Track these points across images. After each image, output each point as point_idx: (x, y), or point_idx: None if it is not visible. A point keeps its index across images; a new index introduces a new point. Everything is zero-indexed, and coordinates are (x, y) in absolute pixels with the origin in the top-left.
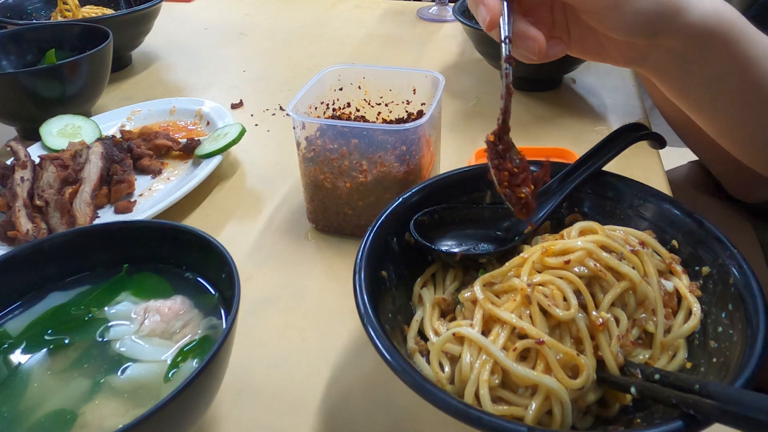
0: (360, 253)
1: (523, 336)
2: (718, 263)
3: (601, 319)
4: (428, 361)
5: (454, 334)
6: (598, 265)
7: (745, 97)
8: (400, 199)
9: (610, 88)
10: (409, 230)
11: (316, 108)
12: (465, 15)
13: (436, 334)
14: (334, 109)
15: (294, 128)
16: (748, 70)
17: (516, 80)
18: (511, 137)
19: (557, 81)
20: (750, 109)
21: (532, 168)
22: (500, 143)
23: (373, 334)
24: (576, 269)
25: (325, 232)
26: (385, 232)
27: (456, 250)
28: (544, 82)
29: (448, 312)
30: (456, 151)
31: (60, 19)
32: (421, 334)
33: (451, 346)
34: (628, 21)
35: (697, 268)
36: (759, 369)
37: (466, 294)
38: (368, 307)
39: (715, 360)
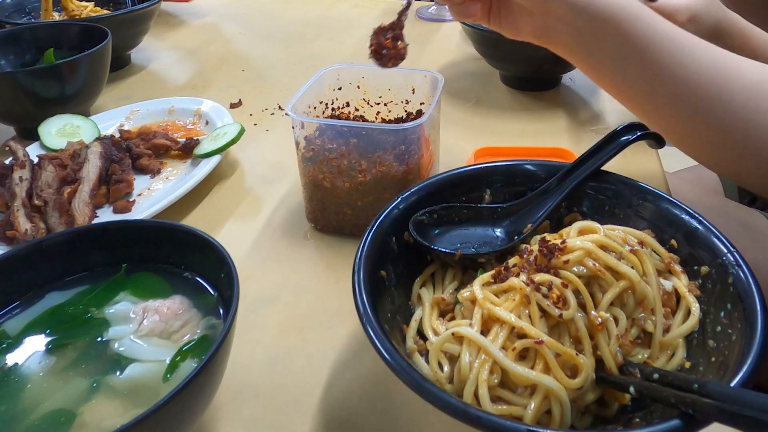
0: (359, 253)
1: (522, 336)
2: (717, 263)
3: (600, 319)
4: (427, 361)
5: (453, 334)
6: (597, 264)
7: (652, 82)
8: (399, 199)
9: None
10: (408, 230)
11: (315, 108)
12: None
13: (435, 333)
14: (333, 109)
15: (293, 128)
16: (647, 53)
17: (515, 80)
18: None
19: (556, 81)
20: (660, 97)
21: (529, 167)
22: (391, 32)
23: (372, 333)
24: (575, 269)
25: (325, 232)
26: (385, 231)
27: (455, 249)
28: (542, 81)
29: (447, 312)
30: (455, 151)
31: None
32: (420, 334)
33: (450, 346)
34: None
35: (696, 267)
36: (757, 368)
37: (465, 293)
38: (367, 306)
39: (713, 359)
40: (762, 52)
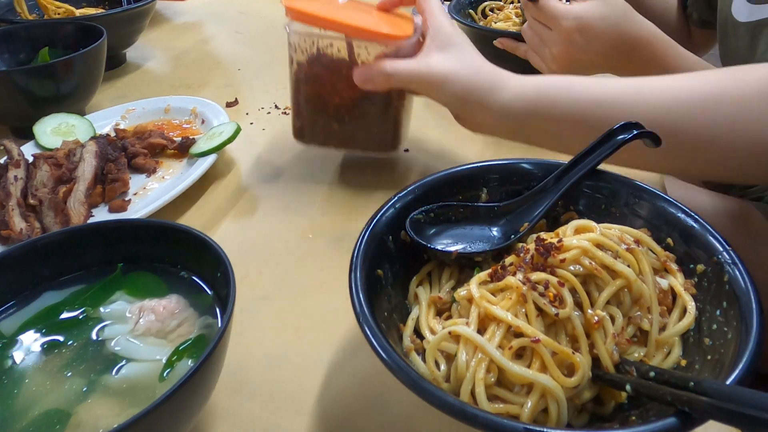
0: (356, 252)
1: (518, 334)
2: (712, 261)
3: (596, 317)
4: (424, 360)
5: (450, 333)
6: (593, 263)
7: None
8: (396, 198)
9: None
10: (405, 229)
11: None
12: (461, 14)
13: (432, 332)
14: (318, 48)
15: (289, 44)
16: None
17: None
18: None
19: None
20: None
21: (525, 166)
22: None
23: (369, 333)
24: (571, 268)
25: (310, 144)
26: (381, 230)
27: (452, 248)
28: None
29: (444, 310)
30: (451, 150)
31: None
32: (417, 333)
33: (447, 345)
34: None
35: (692, 266)
36: (753, 366)
37: (462, 292)
38: (364, 305)
39: (709, 357)
40: (678, 68)
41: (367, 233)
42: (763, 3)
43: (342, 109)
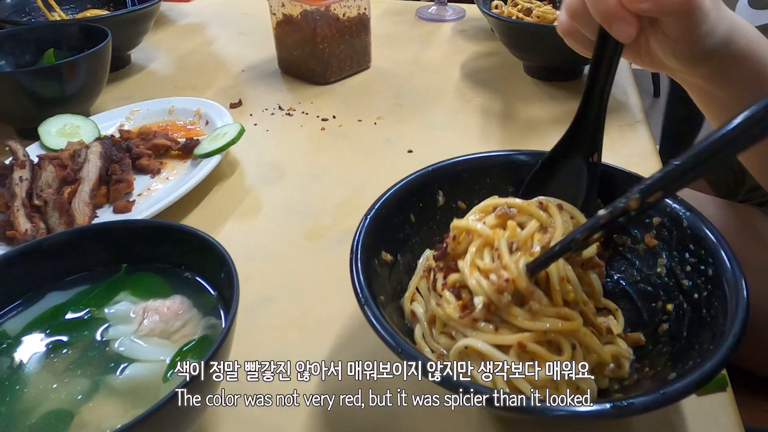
0: (356, 240)
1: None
2: (666, 212)
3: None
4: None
5: (466, 347)
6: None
7: None
8: (395, 189)
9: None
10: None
11: None
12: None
13: (434, 352)
14: None
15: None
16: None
17: (537, 70)
18: None
19: (578, 72)
20: None
21: (521, 157)
22: None
23: (371, 316)
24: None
25: (290, 74)
26: (383, 218)
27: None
28: (563, 72)
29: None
30: (450, 149)
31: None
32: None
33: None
34: (696, 53)
35: (647, 220)
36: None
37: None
38: (366, 291)
39: (696, 296)
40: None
41: (368, 221)
42: (763, 9)
43: (292, 47)
